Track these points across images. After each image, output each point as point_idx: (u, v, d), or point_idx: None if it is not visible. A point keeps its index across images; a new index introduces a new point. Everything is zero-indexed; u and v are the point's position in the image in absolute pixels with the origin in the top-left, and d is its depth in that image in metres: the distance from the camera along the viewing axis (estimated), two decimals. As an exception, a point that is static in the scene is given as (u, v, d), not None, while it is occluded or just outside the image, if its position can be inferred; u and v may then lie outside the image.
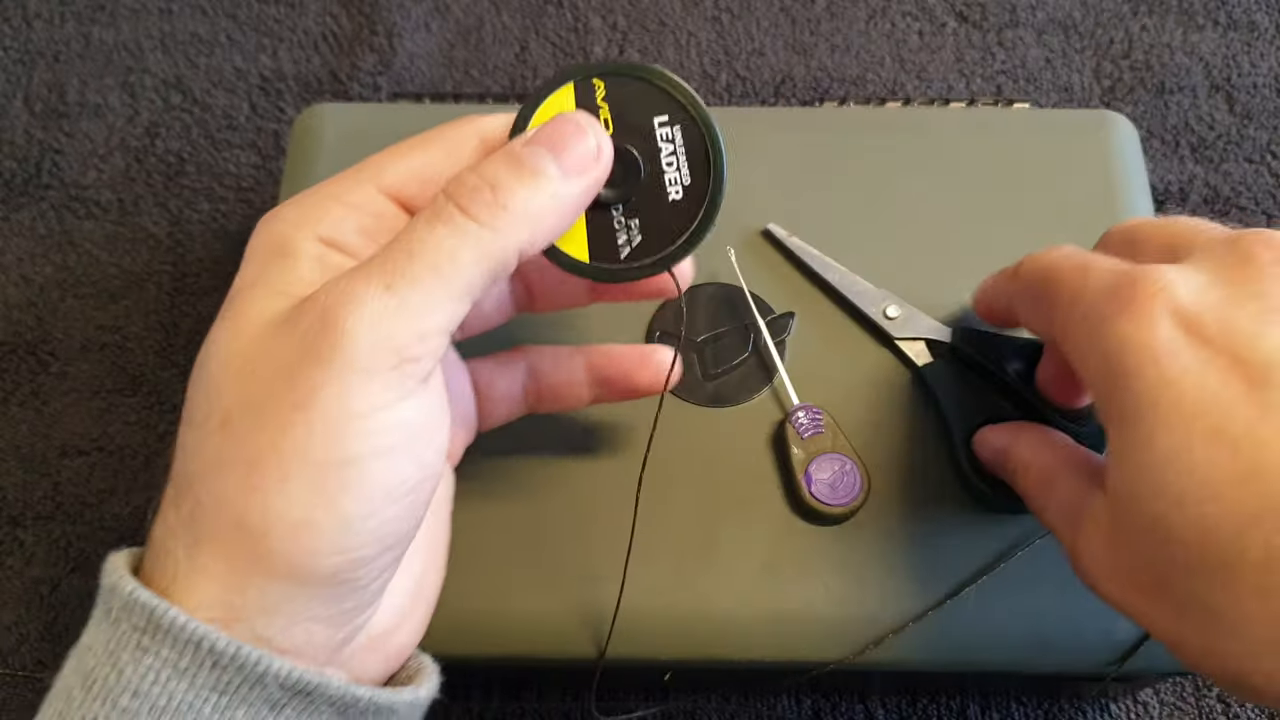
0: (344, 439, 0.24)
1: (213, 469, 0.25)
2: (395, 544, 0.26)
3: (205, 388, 0.26)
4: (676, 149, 0.28)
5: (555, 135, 0.27)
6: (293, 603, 0.25)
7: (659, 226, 0.28)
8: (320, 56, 0.58)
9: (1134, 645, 0.36)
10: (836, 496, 0.37)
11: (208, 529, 0.25)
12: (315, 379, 0.24)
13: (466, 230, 0.25)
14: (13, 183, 0.54)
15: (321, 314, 0.25)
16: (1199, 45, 0.58)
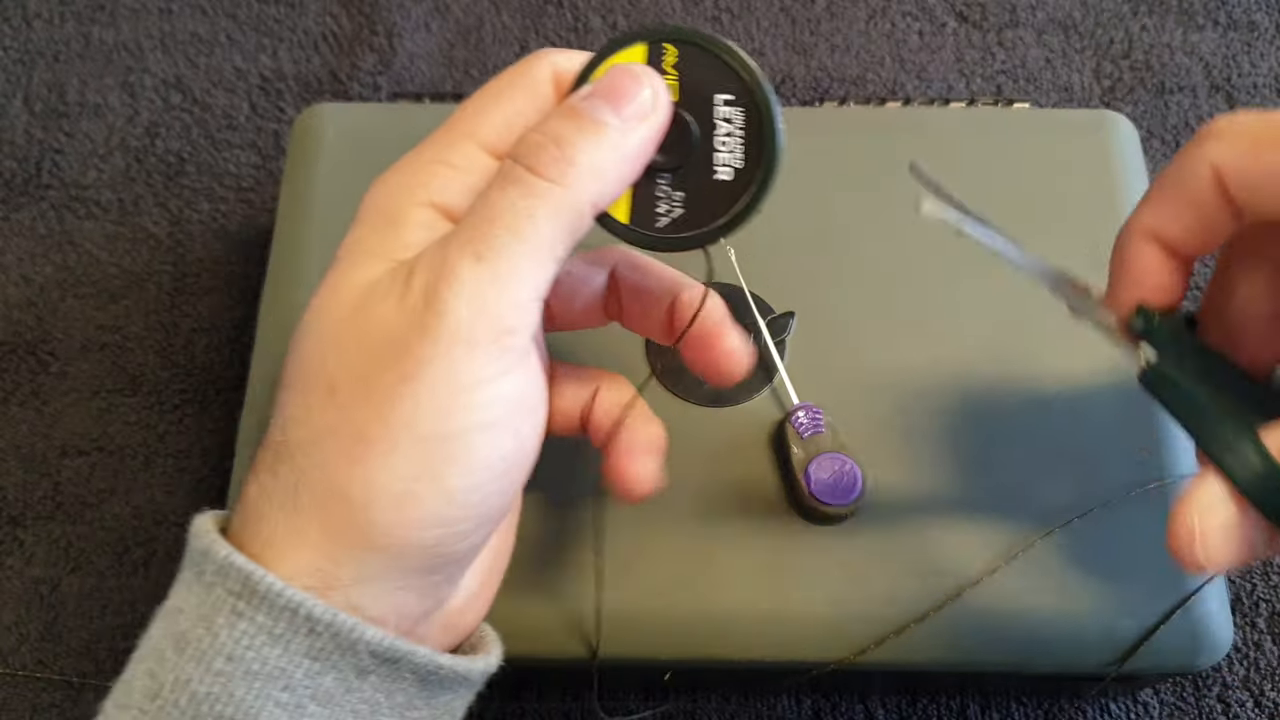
0: (450, 412, 0.25)
1: (318, 439, 0.25)
2: (491, 519, 0.27)
3: (308, 354, 0.26)
4: (733, 130, 0.28)
5: (612, 86, 0.27)
6: (388, 573, 0.25)
7: (701, 203, 0.28)
8: (320, 56, 0.58)
9: (1134, 645, 0.36)
10: (836, 496, 0.37)
11: (309, 497, 0.25)
12: (422, 352, 0.24)
13: (538, 189, 0.25)
14: (13, 182, 0.54)
15: (424, 289, 0.25)
16: (1199, 45, 0.58)
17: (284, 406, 0.26)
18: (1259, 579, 0.45)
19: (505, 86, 0.28)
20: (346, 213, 0.44)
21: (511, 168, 0.26)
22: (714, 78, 0.28)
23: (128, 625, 0.44)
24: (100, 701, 0.25)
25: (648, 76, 0.27)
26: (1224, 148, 0.27)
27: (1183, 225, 0.28)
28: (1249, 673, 0.43)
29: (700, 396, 0.39)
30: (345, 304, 0.26)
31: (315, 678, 0.24)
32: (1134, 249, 0.29)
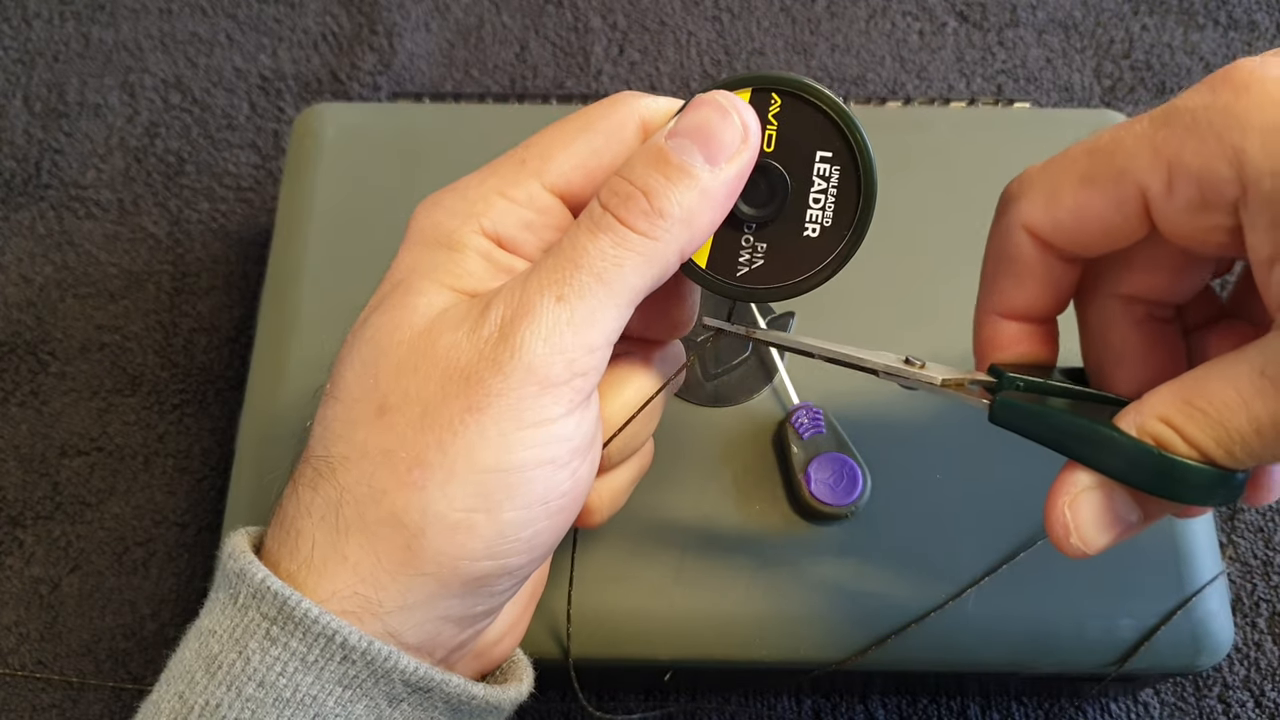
0: (513, 447, 0.24)
1: (366, 457, 0.25)
2: (539, 556, 0.26)
3: (360, 371, 0.26)
4: (828, 189, 0.27)
5: (699, 123, 0.26)
6: (432, 601, 0.25)
7: (783, 258, 0.27)
8: (320, 56, 0.58)
9: (1134, 645, 0.36)
10: (836, 496, 0.37)
11: (356, 519, 0.25)
12: (493, 386, 0.24)
13: (628, 240, 0.25)
14: (12, 182, 0.54)
15: (501, 323, 0.25)
16: (1199, 45, 0.58)
17: (328, 421, 0.26)
18: (1259, 579, 0.45)
19: (583, 128, 0.27)
20: (346, 212, 0.44)
21: (602, 214, 0.26)
22: (817, 133, 0.27)
23: (128, 625, 0.44)
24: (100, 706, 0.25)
25: (735, 109, 0.26)
26: (1026, 206, 0.27)
27: (1028, 294, 0.28)
28: (1249, 673, 0.43)
29: (701, 396, 0.39)
30: (407, 327, 0.26)
31: (347, 705, 0.24)
32: (989, 330, 0.29)
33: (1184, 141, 0.24)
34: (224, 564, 0.26)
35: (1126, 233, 0.26)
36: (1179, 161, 0.24)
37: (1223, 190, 0.24)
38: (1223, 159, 0.24)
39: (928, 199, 0.42)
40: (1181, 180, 0.24)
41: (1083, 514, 0.26)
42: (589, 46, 0.58)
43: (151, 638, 0.44)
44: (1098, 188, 0.26)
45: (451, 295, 0.26)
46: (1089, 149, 0.26)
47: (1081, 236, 0.27)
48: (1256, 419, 0.23)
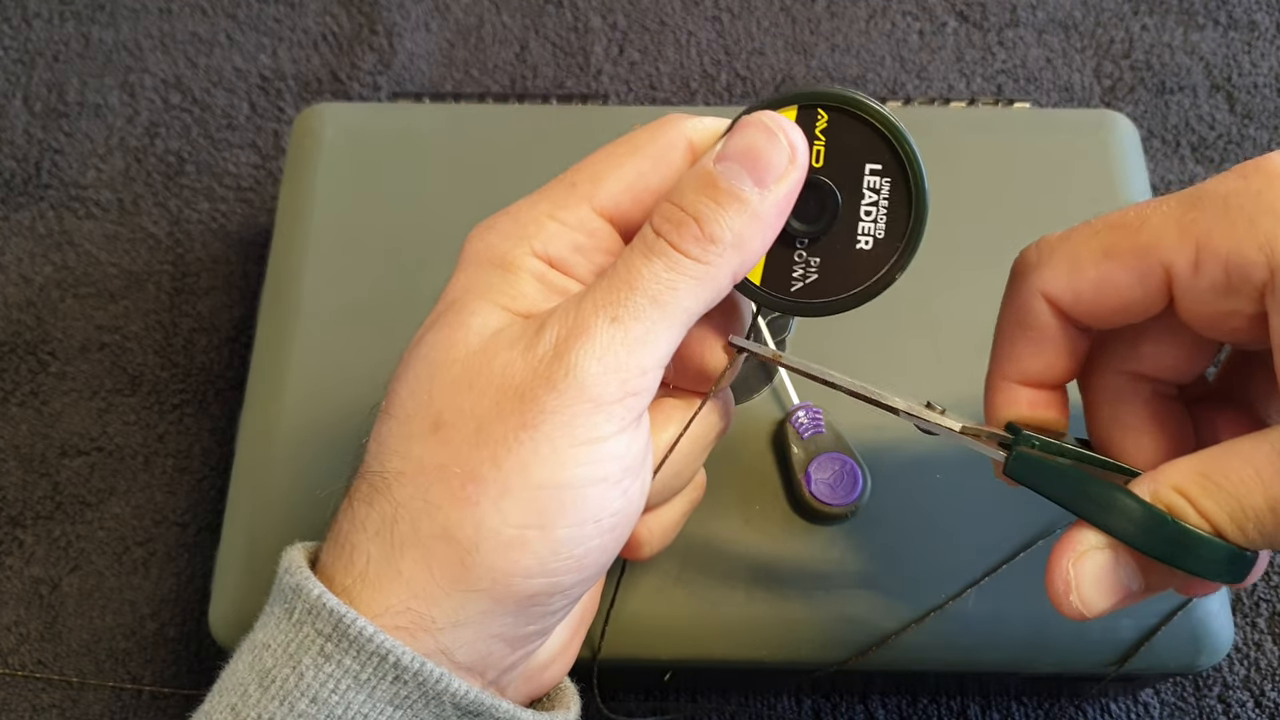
0: (566, 464, 0.25)
1: (421, 473, 0.25)
2: (592, 574, 0.26)
3: (414, 388, 0.26)
4: (879, 200, 0.27)
5: (746, 146, 0.26)
6: (485, 619, 0.25)
7: (837, 272, 0.27)
8: (320, 56, 0.58)
9: (1135, 645, 0.36)
10: (836, 496, 0.37)
11: (409, 532, 0.25)
12: (547, 403, 0.25)
13: (681, 265, 0.26)
14: (12, 182, 0.54)
15: (555, 342, 0.25)
16: (1199, 45, 0.58)
17: (383, 437, 0.26)
18: (1260, 579, 0.45)
19: (631, 152, 0.28)
20: (346, 212, 0.44)
21: (655, 240, 0.26)
22: (865, 145, 0.27)
23: (127, 625, 0.44)
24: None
25: (781, 129, 0.26)
26: (1048, 274, 0.27)
27: (1043, 362, 0.28)
28: (1249, 673, 0.43)
29: (700, 396, 0.39)
30: (462, 345, 0.26)
31: None
32: (1003, 395, 0.29)
33: (1214, 224, 0.25)
34: (280, 578, 0.26)
35: (1145, 309, 0.27)
36: (1208, 243, 0.25)
37: (1251, 275, 0.24)
38: (1253, 244, 0.24)
39: (928, 199, 0.42)
40: (1209, 261, 0.25)
41: (1086, 573, 0.26)
42: (589, 46, 0.58)
43: (151, 638, 0.44)
44: (1121, 262, 0.26)
45: (505, 315, 0.26)
46: (1112, 223, 0.27)
47: (1100, 309, 0.27)
48: (1273, 498, 0.24)
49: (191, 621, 0.44)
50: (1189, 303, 0.26)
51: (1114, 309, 0.27)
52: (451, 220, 0.44)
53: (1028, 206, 0.42)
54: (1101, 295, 0.27)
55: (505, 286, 0.27)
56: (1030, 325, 0.28)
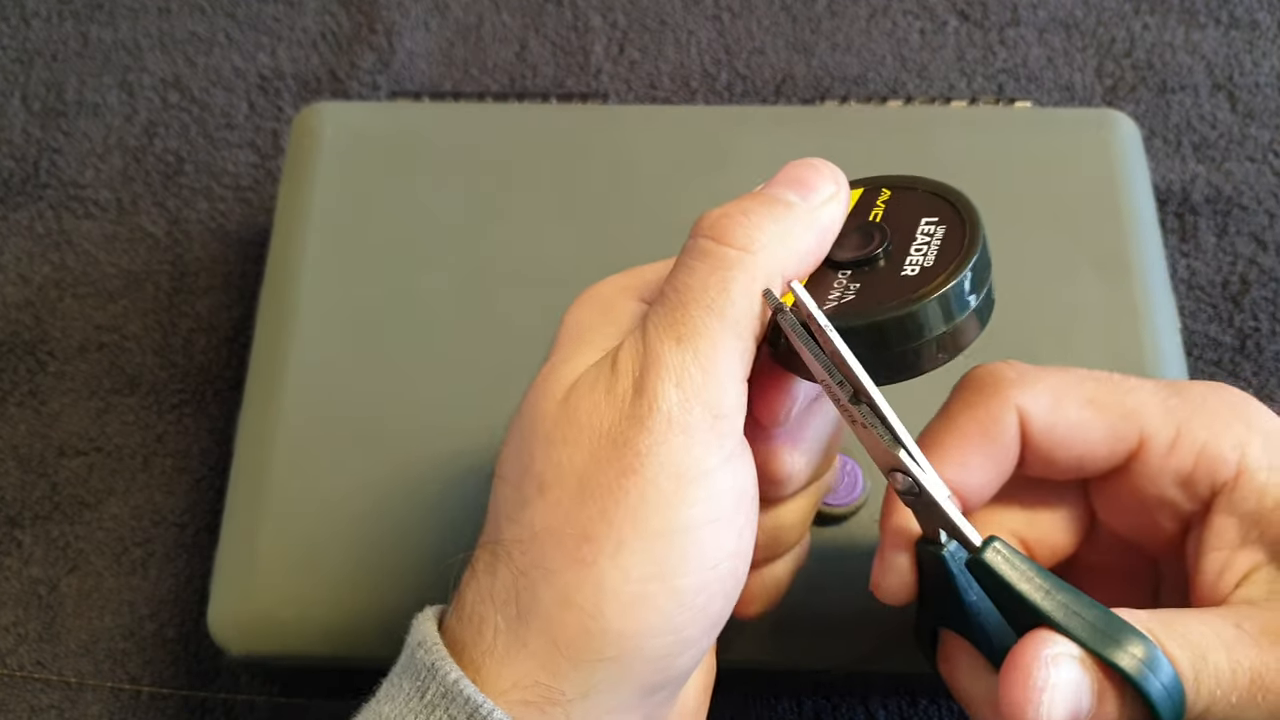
0: (678, 505, 0.24)
1: (536, 539, 0.24)
2: (715, 625, 0.26)
3: (518, 448, 0.26)
4: (932, 240, 0.26)
5: (791, 175, 0.27)
6: (613, 688, 0.24)
7: (875, 293, 0.26)
8: (319, 55, 0.58)
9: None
10: (837, 496, 0.37)
11: (532, 603, 0.24)
12: (640, 444, 0.24)
13: (727, 259, 0.25)
14: (10, 182, 0.54)
15: (633, 381, 0.24)
16: (1201, 44, 0.58)
17: (498, 504, 0.26)
18: (1261, 579, 0.45)
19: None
20: (345, 212, 0.44)
21: (696, 242, 0.25)
22: (926, 207, 0.27)
23: (126, 626, 0.44)
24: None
25: (825, 165, 0.27)
26: (1030, 398, 0.28)
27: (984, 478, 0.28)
28: (1251, 674, 0.43)
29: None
30: (552, 397, 0.25)
31: None
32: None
33: (1195, 414, 0.26)
34: (413, 651, 0.25)
35: (1097, 469, 0.28)
36: (1188, 429, 0.26)
37: (1218, 470, 0.26)
38: (1229, 442, 0.26)
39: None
40: (1186, 446, 0.26)
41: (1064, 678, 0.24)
42: (589, 45, 0.58)
43: (150, 638, 0.44)
44: (1103, 415, 0.27)
45: (597, 354, 0.26)
46: (1100, 378, 0.28)
47: (1064, 451, 0.27)
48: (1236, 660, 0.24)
49: (190, 622, 0.44)
50: (1143, 480, 0.27)
51: (1076, 456, 0.27)
52: (451, 219, 0.44)
53: (1029, 206, 0.42)
54: (1072, 438, 0.27)
55: (606, 325, 0.27)
56: (994, 439, 0.27)
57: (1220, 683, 0.24)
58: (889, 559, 0.28)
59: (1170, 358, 0.40)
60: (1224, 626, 0.24)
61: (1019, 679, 0.24)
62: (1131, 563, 0.30)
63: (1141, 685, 0.23)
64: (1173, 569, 0.29)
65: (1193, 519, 0.27)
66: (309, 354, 0.41)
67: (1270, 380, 0.48)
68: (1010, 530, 0.30)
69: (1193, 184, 0.53)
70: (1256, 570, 0.26)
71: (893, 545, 0.28)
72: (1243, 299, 0.50)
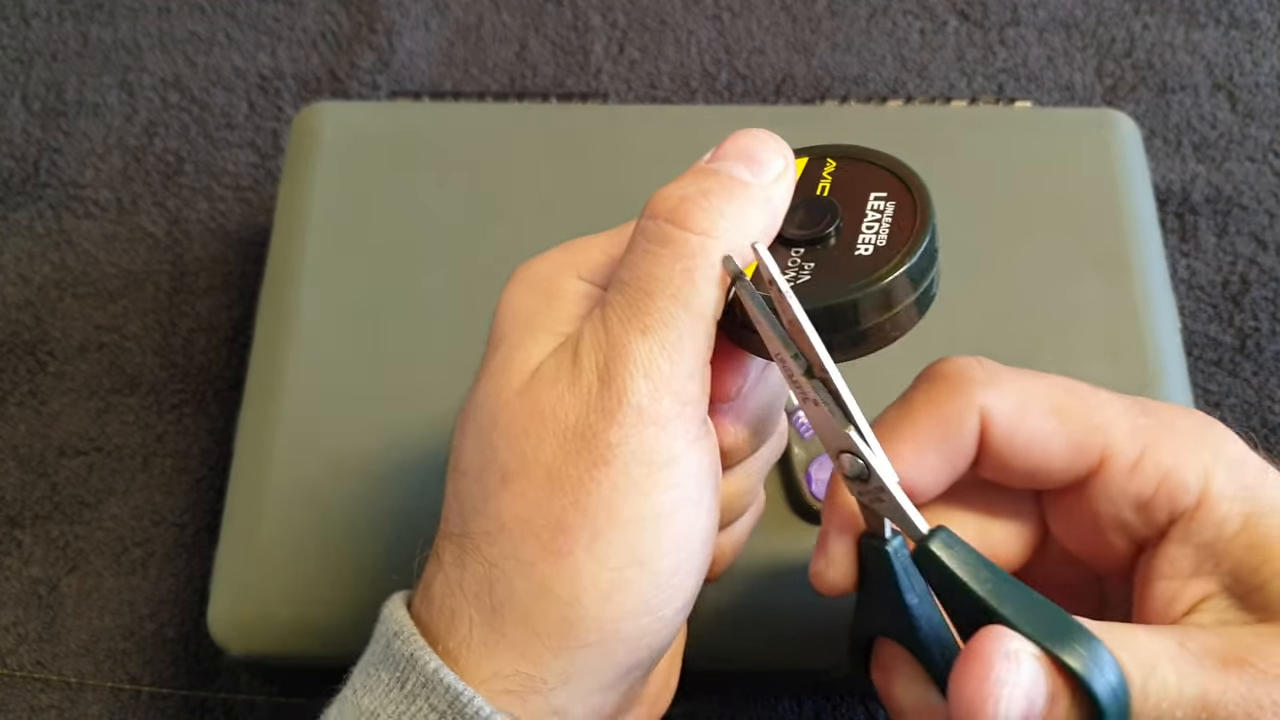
0: (651, 492, 0.24)
1: (505, 530, 0.24)
2: (689, 600, 0.26)
3: (478, 440, 0.25)
4: (883, 218, 0.27)
5: (739, 147, 0.26)
6: (595, 671, 0.25)
7: (830, 274, 0.26)
8: (319, 55, 0.58)
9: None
10: (837, 497, 0.36)
11: (508, 595, 0.24)
12: (611, 436, 0.24)
13: (691, 246, 0.25)
14: (10, 182, 0.54)
15: (598, 370, 0.24)
16: (1201, 44, 0.58)
17: (460, 496, 0.26)
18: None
19: None
20: (345, 211, 0.44)
21: (657, 226, 0.25)
22: (874, 181, 0.27)
23: (126, 626, 0.44)
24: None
25: (771, 137, 0.27)
26: (996, 398, 0.27)
27: (938, 477, 0.27)
28: (1251, 674, 0.43)
29: (700, 396, 0.39)
30: (510, 389, 0.25)
31: None
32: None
33: (1163, 436, 0.26)
34: (389, 641, 0.25)
35: (1054, 481, 0.27)
36: (1154, 451, 0.26)
37: (1178, 497, 0.25)
38: (1194, 469, 0.25)
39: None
40: (1150, 468, 0.26)
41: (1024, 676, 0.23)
42: (589, 45, 0.58)
43: (150, 638, 0.44)
44: (1068, 426, 0.26)
45: (553, 342, 0.26)
46: (1070, 388, 0.27)
47: (1023, 458, 0.27)
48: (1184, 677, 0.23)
49: (190, 622, 0.44)
50: (1101, 498, 0.26)
51: (1034, 465, 0.27)
52: (451, 219, 0.44)
53: (1029, 206, 0.42)
54: (1032, 446, 0.26)
55: (553, 312, 0.26)
56: (952, 437, 0.27)
57: (1167, 697, 0.23)
58: (831, 547, 0.27)
59: (1170, 358, 0.40)
60: (1170, 644, 0.24)
61: (977, 673, 0.23)
62: (1078, 580, 0.29)
63: (1090, 685, 0.23)
64: (1119, 590, 0.28)
65: (1146, 543, 0.27)
66: (309, 354, 0.41)
67: (1270, 380, 0.48)
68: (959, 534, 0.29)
69: (1193, 184, 0.53)
70: (1207, 600, 0.26)
71: (836, 532, 0.27)
72: (1243, 299, 0.50)
